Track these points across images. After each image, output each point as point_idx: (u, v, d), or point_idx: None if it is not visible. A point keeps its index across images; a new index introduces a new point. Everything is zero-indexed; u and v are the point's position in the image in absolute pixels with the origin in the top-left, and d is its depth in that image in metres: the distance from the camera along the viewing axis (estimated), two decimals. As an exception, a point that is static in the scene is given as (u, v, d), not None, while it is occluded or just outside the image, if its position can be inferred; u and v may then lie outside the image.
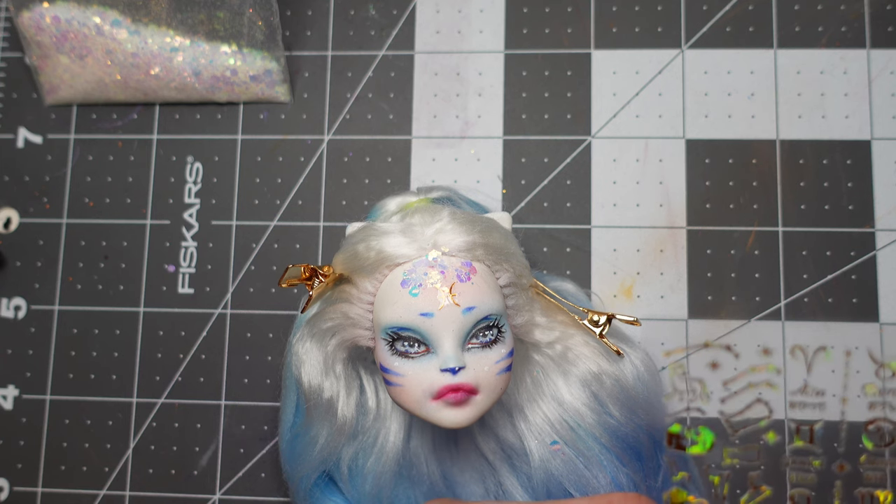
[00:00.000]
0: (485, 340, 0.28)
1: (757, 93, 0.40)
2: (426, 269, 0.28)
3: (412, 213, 0.30)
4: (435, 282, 0.28)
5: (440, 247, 0.29)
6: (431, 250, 0.29)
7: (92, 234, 0.41)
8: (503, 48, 0.41)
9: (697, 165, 0.40)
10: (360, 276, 0.30)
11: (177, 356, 0.40)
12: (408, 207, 0.32)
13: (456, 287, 0.28)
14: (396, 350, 0.28)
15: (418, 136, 0.41)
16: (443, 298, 0.28)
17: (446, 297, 0.28)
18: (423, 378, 0.28)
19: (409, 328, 0.28)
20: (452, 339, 0.27)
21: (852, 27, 0.40)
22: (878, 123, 0.39)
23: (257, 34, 0.40)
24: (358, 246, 0.29)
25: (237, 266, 0.40)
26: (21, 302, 0.41)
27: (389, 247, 0.29)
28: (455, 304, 0.28)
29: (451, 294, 0.28)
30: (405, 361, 0.28)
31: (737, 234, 0.39)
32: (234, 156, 0.41)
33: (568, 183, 0.40)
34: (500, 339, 0.28)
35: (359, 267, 0.29)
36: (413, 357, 0.28)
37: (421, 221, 0.29)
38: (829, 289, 0.38)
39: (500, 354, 0.28)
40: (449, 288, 0.28)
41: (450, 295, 0.28)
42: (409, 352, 0.28)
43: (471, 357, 0.28)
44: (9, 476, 0.40)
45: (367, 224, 0.31)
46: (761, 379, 0.38)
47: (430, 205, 0.32)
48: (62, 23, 0.40)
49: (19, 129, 0.42)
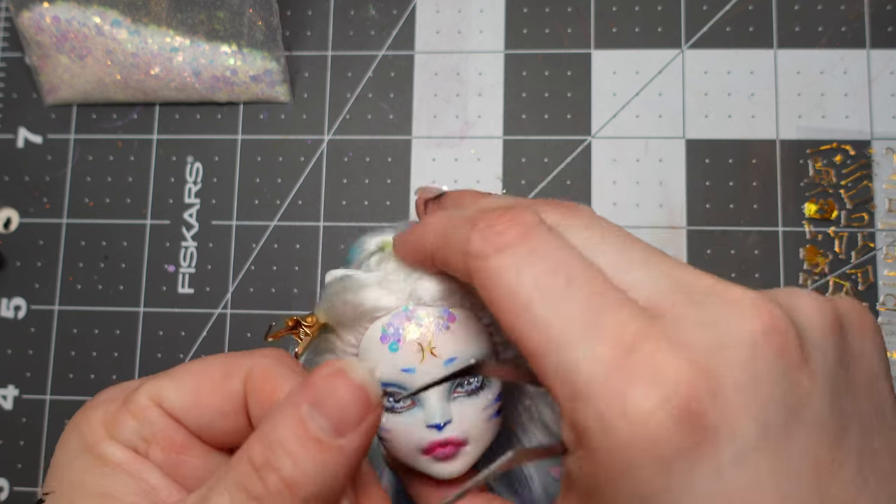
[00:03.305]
0: (470, 388, 0.27)
1: (757, 93, 0.40)
2: (403, 321, 0.27)
3: (390, 257, 0.29)
4: (413, 335, 0.27)
5: (418, 297, 0.27)
6: (408, 301, 0.27)
7: (92, 234, 0.41)
8: (503, 48, 0.41)
9: (697, 165, 0.40)
10: (342, 330, 0.29)
11: (177, 356, 0.40)
12: (387, 247, 0.30)
13: (436, 339, 0.27)
14: (383, 405, 0.28)
15: (418, 136, 0.41)
16: (422, 352, 0.27)
17: (425, 351, 0.27)
18: (411, 433, 0.27)
19: (392, 384, 0.27)
20: (436, 397, 0.27)
21: (852, 27, 0.40)
22: (878, 123, 0.39)
23: (257, 34, 0.40)
24: (335, 300, 0.29)
25: (237, 266, 0.40)
26: (21, 302, 0.41)
27: (367, 301, 0.28)
28: (434, 356, 0.27)
29: (430, 347, 0.27)
30: (392, 416, 0.27)
31: (737, 235, 0.39)
32: (235, 156, 0.41)
33: (568, 183, 0.40)
34: (487, 383, 0.27)
35: (339, 322, 0.29)
36: (399, 412, 0.27)
37: (396, 269, 0.28)
38: (828, 289, 0.38)
39: (488, 400, 0.27)
40: (429, 341, 0.27)
41: (429, 349, 0.27)
42: (395, 407, 0.27)
43: (457, 407, 0.27)
44: (9, 476, 0.40)
45: (344, 274, 0.30)
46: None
47: None
48: (62, 23, 0.40)
49: (19, 129, 0.42)
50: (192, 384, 0.25)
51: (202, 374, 0.26)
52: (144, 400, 0.25)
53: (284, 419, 0.21)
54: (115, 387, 0.27)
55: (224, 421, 0.25)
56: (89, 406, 0.26)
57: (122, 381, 0.29)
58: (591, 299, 0.19)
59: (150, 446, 0.25)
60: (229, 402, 0.25)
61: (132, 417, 0.25)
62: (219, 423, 0.25)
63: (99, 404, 0.25)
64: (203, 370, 0.26)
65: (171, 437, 0.25)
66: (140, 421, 0.25)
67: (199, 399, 0.25)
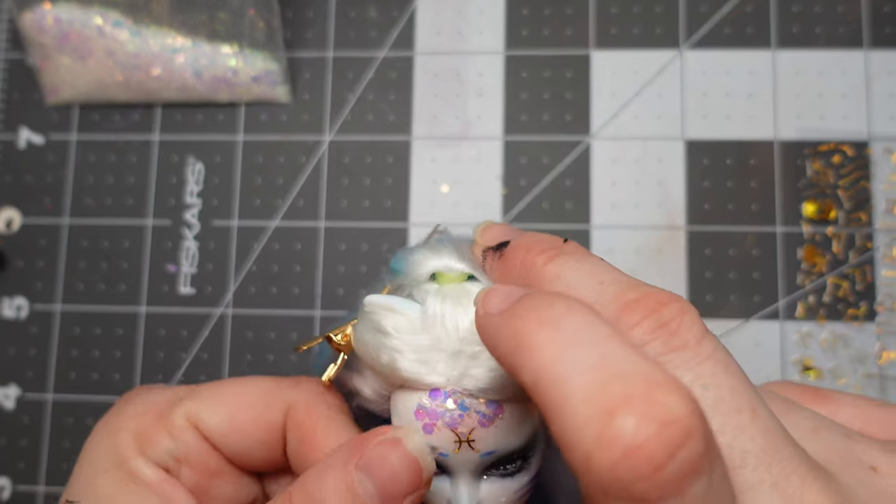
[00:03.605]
0: (506, 472, 0.25)
1: (755, 93, 0.40)
2: (444, 406, 0.24)
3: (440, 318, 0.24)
4: (452, 424, 0.24)
5: (464, 386, 0.24)
6: (453, 386, 0.24)
7: (94, 234, 0.41)
8: (503, 49, 0.41)
9: (696, 166, 0.40)
10: (375, 373, 0.26)
11: (178, 356, 0.40)
12: (441, 280, 0.26)
13: (476, 433, 0.24)
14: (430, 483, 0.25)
15: (419, 137, 0.41)
16: (459, 444, 0.24)
17: (463, 443, 0.24)
18: (438, 499, 0.25)
19: None
20: (468, 476, 0.25)
21: (850, 28, 0.40)
22: (876, 124, 0.39)
23: (258, 35, 0.40)
24: (370, 344, 0.25)
25: (238, 266, 0.40)
26: (23, 302, 0.41)
27: (405, 371, 0.24)
28: (472, 449, 0.24)
29: (469, 440, 0.24)
30: None
31: (735, 235, 0.39)
32: (236, 156, 0.41)
33: (567, 183, 0.40)
34: (525, 467, 0.25)
35: (372, 366, 0.26)
36: None
37: (447, 340, 0.24)
38: (826, 289, 0.38)
39: (522, 483, 0.25)
40: (468, 433, 0.24)
41: (467, 441, 0.24)
42: None
43: (488, 486, 0.25)
44: (11, 475, 0.40)
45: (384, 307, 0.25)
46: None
47: (465, 293, 0.25)
48: (64, 23, 0.40)
49: (21, 129, 0.42)
50: (231, 409, 0.25)
51: (241, 401, 0.25)
52: (181, 420, 0.25)
53: (332, 479, 0.21)
54: (147, 394, 0.26)
55: (260, 449, 0.25)
56: (122, 414, 0.25)
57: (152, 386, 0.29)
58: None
59: (181, 467, 0.25)
60: (268, 431, 0.25)
61: (168, 436, 0.24)
62: (255, 451, 0.25)
63: (133, 416, 0.25)
64: (241, 397, 0.25)
65: (205, 460, 0.25)
66: (176, 441, 0.24)
67: (236, 426, 0.25)
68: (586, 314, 0.18)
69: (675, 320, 0.19)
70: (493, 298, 0.20)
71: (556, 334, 0.18)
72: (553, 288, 0.21)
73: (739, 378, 0.19)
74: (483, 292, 0.21)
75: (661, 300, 0.20)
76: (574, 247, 0.23)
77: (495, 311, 0.20)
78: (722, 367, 0.19)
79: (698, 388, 0.18)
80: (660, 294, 0.20)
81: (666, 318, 0.19)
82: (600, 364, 0.17)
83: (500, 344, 0.19)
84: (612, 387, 0.16)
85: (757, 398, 0.19)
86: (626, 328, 0.19)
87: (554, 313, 0.18)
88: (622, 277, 0.21)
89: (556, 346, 0.17)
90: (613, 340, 0.17)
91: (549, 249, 0.23)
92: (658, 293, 0.20)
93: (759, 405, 0.19)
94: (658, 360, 0.19)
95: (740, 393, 0.18)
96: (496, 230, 0.26)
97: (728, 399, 0.18)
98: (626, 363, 0.17)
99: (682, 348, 0.19)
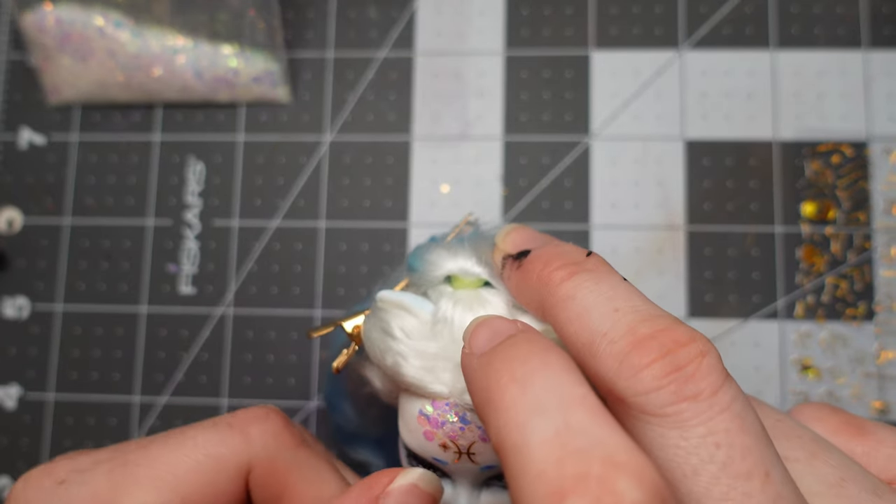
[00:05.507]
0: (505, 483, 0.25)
1: (755, 94, 0.40)
2: (446, 417, 0.24)
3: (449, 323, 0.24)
4: (453, 436, 0.24)
5: (466, 402, 0.23)
6: (456, 398, 0.24)
7: (95, 234, 0.41)
8: (503, 50, 0.41)
9: (696, 166, 0.40)
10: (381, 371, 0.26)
11: (179, 355, 0.40)
12: (456, 284, 0.26)
13: (476, 447, 0.24)
14: (412, 462, 0.26)
15: (419, 137, 0.41)
16: (459, 455, 0.24)
17: (463, 455, 0.24)
18: None
19: (424, 460, 0.25)
20: (468, 484, 0.25)
21: (849, 29, 0.40)
22: (875, 124, 0.39)
23: (259, 36, 0.40)
24: (377, 342, 0.25)
25: (239, 266, 0.41)
26: (24, 301, 0.41)
27: (410, 377, 0.24)
28: (472, 462, 0.24)
29: (470, 453, 0.24)
30: None
31: (735, 235, 0.39)
32: (236, 156, 0.42)
33: (567, 184, 0.40)
34: None
35: (378, 364, 0.26)
36: None
37: (454, 349, 0.24)
38: (825, 288, 0.38)
39: None
40: (468, 446, 0.24)
41: (467, 454, 0.24)
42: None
43: (489, 497, 0.25)
44: (13, 474, 0.40)
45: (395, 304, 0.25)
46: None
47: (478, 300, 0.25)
48: (65, 24, 0.40)
49: (22, 129, 0.42)
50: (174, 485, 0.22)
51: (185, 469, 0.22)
52: None
53: None
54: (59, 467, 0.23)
55: None
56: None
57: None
58: None
59: None
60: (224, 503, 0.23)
61: None
62: None
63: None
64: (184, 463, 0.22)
65: None
66: None
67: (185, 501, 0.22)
68: (561, 373, 0.17)
69: (692, 364, 0.18)
70: (480, 336, 0.19)
71: (523, 397, 0.17)
72: (566, 310, 0.20)
73: (755, 436, 0.17)
74: (473, 325, 0.20)
75: (679, 339, 0.18)
76: (595, 263, 0.21)
77: (477, 352, 0.19)
78: (738, 423, 0.17)
79: (709, 447, 0.17)
80: (677, 331, 0.18)
81: (682, 361, 0.18)
82: (561, 436, 0.15)
83: (473, 391, 0.19)
84: (567, 465, 0.15)
85: (772, 459, 0.17)
86: (635, 370, 0.18)
87: (526, 370, 0.17)
88: (641, 305, 0.19)
89: (521, 411, 0.16)
90: (583, 406, 0.16)
91: (568, 265, 0.21)
92: (675, 330, 0.18)
93: (774, 467, 0.17)
94: (665, 410, 0.17)
95: (754, 454, 0.17)
96: (519, 235, 0.25)
97: (738, 461, 0.17)
98: (588, 437, 0.15)
99: (696, 398, 0.17)
